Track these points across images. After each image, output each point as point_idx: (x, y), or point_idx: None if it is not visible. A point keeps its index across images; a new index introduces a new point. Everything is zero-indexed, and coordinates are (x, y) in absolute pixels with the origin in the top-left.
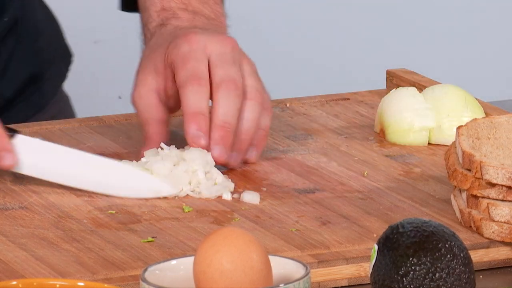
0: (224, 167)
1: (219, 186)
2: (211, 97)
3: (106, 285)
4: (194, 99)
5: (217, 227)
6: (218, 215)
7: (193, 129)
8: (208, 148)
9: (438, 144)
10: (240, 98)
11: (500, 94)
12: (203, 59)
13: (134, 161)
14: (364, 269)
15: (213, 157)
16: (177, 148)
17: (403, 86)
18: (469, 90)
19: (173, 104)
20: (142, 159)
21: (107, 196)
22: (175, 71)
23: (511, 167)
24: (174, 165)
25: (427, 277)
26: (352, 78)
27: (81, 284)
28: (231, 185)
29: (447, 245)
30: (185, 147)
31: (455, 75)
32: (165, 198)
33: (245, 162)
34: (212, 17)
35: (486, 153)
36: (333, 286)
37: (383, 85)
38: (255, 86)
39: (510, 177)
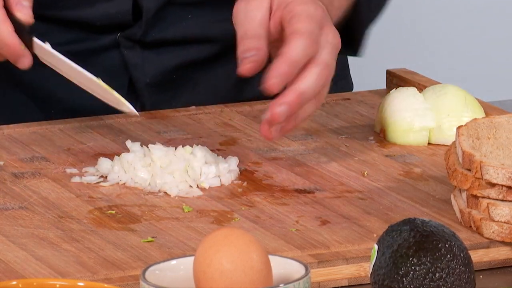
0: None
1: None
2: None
3: (106, 285)
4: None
5: (217, 227)
6: (218, 215)
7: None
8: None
9: (438, 144)
10: (312, 49)
11: (500, 94)
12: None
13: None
14: (364, 269)
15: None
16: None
17: (403, 86)
18: (469, 90)
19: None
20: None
21: (107, 196)
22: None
23: (511, 167)
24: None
25: (427, 277)
26: (352, 78)
27: (81, 284)
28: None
29: (447, 245)
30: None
31: (455, 75)
32: (165, 198)
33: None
34: None
35: (486, 153)
36: (333, 286)
37: (383, 85)
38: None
39: (510, 177)
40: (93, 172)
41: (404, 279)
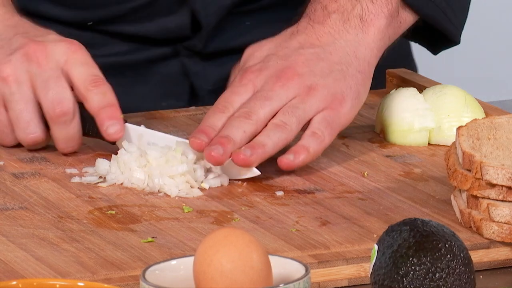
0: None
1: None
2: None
3: (106, 285)
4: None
5: (217, 227)
6: (218, 215)
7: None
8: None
9: (438, 145)
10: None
11: (500, 94)
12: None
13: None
14: (364, 269)
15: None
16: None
17: (403, 87)
18: (469, 90)
19: None
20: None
21: (107, 196)
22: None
23: (511, 168)
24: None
25: (427, 277)
26: None
27: (81, 284)
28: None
29: (447, 245)
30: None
31: (455, 75)
32: (165, 198)
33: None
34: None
35: (486, 153)
36: (333, 287)
37: (383, 85)
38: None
39: (510, 177)
40: (92, 173)
41: (404, 279)
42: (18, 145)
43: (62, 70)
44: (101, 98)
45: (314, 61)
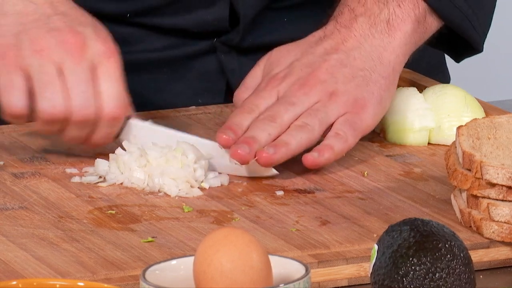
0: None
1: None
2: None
3: (106, 285)
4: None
5: (217, 227)
6: (218, 215)
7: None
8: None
9: (438, 144)
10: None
11: (500, 94)
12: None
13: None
14: (364, 269)
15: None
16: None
17: (403, 86)
18: (469, 90)
19: None
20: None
21: (107, 196)
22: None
23: (511, 167)
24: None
25: (427, 277)
26: None
27: (81, 284)
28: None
29: (447, 245)
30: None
31: (455, 75)
32: (165, 198)
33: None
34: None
35: (486, 153)
36: (333, 286)
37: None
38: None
39: (510, 177)
40: (92, 172)
41: (404, 279)
42: (18, 145)
43: (93, 73)
44: (108, 131)
45: (338, 67)
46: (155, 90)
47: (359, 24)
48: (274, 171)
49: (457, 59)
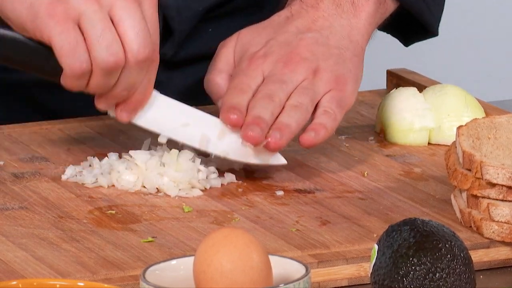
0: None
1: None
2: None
3: (106, 285)
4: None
5: (217, 227)
6: (218, 215)
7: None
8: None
9: (438, 144)
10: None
11: (500, 94)
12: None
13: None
14: (364, 269)
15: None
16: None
17: (403, 86)
18: (469, 90)
19: None
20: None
21: (107, 196)
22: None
23: (511, 167)
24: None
25: (427, 277)
26: None
27: (81, 284)
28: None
29: (447, 245)
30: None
31: (455, 75)
32: (165, 198)
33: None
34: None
35: (486, 153)
36: (333, 286)
37: (383, 85)
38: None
39: (510, 177)
40: (86, 173)
41: (404, 279)
42: (18, 145)
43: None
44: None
45: (315, 46)
46: (82, 102)
47: (325, 4)
48: (282, 160)
49: (406, 43)
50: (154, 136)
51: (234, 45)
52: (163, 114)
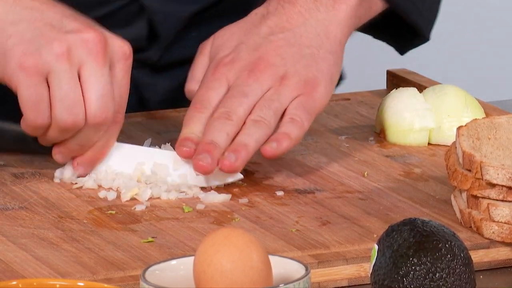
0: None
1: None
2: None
3: (106, 285)
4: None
5: (217, 227)
6: (218, 215)
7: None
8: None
9: (438, 145)
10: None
11: (500, 94)
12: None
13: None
14: (364, 269)
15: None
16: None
17: (403, 87)
18: (469, 90)
19: None
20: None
21: (107, 197)
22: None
23: (511, 168)
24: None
25: (427, 277)
26: (352, 78)
27: (81, 284)
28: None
29: (447, 245)
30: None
31: (455, 75)
32: (164, 198)
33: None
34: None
35: (486, 153)
36: (333, 287)
37: (383, 85)
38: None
39: (510, 177)
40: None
41: (404, 279)
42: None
43: (111, 70)
44: (105, 140)
45: (285, 48)
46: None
47: None
48: (239, 175)
49: (402, 51)
50: (154, 136)
51: (209, 50)
52: (120, 161)
